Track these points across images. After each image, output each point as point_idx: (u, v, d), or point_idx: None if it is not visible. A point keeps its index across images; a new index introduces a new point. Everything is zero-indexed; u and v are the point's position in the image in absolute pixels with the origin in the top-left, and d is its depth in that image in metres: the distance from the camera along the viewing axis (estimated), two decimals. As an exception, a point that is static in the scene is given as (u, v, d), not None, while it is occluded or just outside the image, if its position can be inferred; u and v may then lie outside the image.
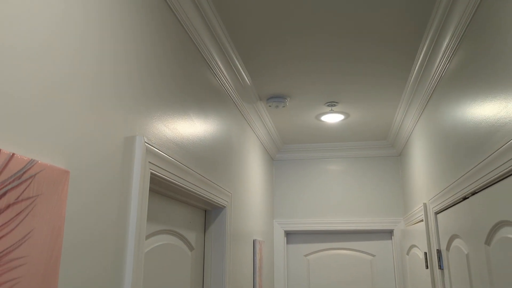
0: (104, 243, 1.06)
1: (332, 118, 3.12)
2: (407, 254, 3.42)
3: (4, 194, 0.73)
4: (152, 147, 1.33)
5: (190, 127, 1.77)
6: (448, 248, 2.25)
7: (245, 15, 1.87)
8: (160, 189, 1.57)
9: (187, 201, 1.89)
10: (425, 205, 2.69)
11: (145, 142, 1.28)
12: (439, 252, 2.42)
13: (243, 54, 2.22)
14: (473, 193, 1.79)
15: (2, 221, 0.72)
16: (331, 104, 2.87)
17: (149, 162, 1.30)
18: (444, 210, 2.31)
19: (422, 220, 2.88)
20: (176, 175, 1.52)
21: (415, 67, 2.40)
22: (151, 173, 1.33)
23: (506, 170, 1.37)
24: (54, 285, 0.84)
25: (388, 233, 3.91)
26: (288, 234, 4.02)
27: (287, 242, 4.01)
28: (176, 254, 1.76)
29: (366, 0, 1.77)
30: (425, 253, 2.67)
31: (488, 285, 1.63)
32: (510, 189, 1.39)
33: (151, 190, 1.53)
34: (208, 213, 2.20)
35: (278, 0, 1.77)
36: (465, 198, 1.91)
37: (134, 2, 1.31)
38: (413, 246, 3.17)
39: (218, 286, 2.08)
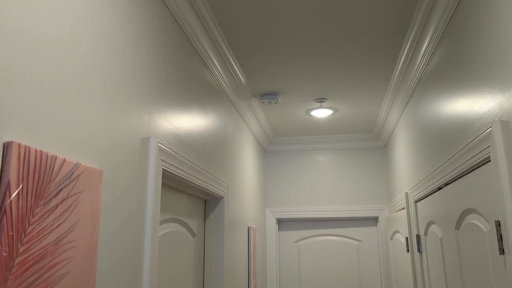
0: (128, 229, 1.25)
1: (321, 113, 3.32)
2: (391, 239, 3.66)
3: (60, 191, 0.91)
4: (163, 146, 1.51)
5: (192, 125, 1.96)
6: (426, 233, 2.48)
7: (240, 20, 2.05)
8: (168, 182, 1.75)
9: (189, 192, 2.08)
10: (406, 194, 2.92)
11: (158, 142, 1.46)
12: (418, 237, 2.65)
13: (238, 55, 2.40)
14: (446, 184, 2.00)
15: (59, 212, 0.90)
16: (320, 100, 3.07)
17: (161, 159, 1.48)
18: (423, 199, 2.53)
19: (404, 208, 3.10)
20: (182, 170, 1.71)
21: (398, 67, 2.60)
22: (163, 169, 1.52)
23: (471, 165, 1.58)
24: (95, 262, 1.03)
25: (373, 220, 4.16)
26: (279, 221, 4.24)
27: (279, 229, 4.23)
28: (181, 240, 1.95)
29: (351, 3, 1.96)
30: (406, 238, 2.90)
31: (458, 264, 1.86)
32: (473, 182, 1.61)
33: (161, 183, 1.72)
34: (207, 203, 2.39)
35: (270, 6, 1.95)
36: (439, 188, 2.13)
37: (146, 15, 1.48)
38: (396, 231, 3.41)
39: (217, 268, 2.29)
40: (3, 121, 0.79)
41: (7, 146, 0.78)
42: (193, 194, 2.14)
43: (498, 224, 1.35)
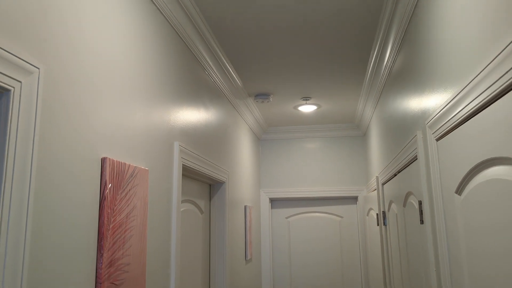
0: (162, 207, 1.81)
1: (307, 109, 3.86)
2: (367, 215, 4.26)
3: (128, 184, 1.46)
4: (182, 147, 2.06)
5: (199, 124, 2.50)
6: (388, 210, 3.06)
7: (236, 36, 2.57)
8: (185, 173, 2.31)
9: (198, 179, 2.64)
10: (377, 177, 3.49)
11: (179, 145, 2.01)
12: (384, 213, 3.24)
13: (235, 64, 2.92)
14: (399, 171, 2.57)
15: (127, 198, 1.46)
16: (306, 99, 3.61)
17: (181, 157, 2.04)
18: (386, 182, 3.10)
19: (376, 189, 3.68)
20: (194, 163, 2.26)
21: (368, 71, 3.13)
22: (183, 164, 2.07)
23: (409, 160, 2.14)
24: (145, 229, 1.60)
25: (353, 199, 4.75)
26: (272, 200, 4.83)
27: (272, 207, 4.83)
28: (193, 216, 2.52)
29: (328, 22, 2.49)
30: (377, 214, 3.49)
31: (404, 233, 2.44)
32: (411, 172, 2.17)
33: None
34: (212, 186, 2.96)
35: (261, 24, 2.47)
36: (395, 175, 2.69)
37: (166, 44, 2.01)
38: (370, 208, 4.00)
39: (221, 239, 2.87)
40: (100, 145, 1.33)
41: (103, 160, 1.33)
42: (201, 180, 2.71)
43: (420, 203, 1.92)
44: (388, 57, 2.68)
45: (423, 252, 1.95)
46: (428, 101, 1.78)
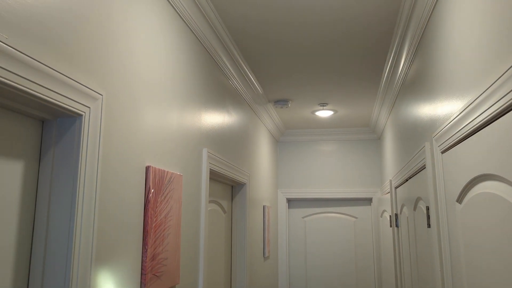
0: (192, 208, 2.02)
1: (324, 114, 4.03)
2: (381, 216, 4.41)
3: (166, 189, 1.68)
4: (210, 153, 2.27)
5: (222, 129, 2.70)
6: (400, 212, 3.22)
7: (257, 47, 2.76)
8: (211, 176, 2.52)
9: (222, 181, 2.84)
10: (390, 181, 3.65)
11: (208, 151, 2.21)
12: (396, 215, 3.40)
13: (256, 72, 3.12)
14: (410, 177, 2.73)
15: (166, 200, 1.67)
16: (323, 105, 3.78)
17: (209, 162, 2.24)
18: (399, 186, 3.26)
19: (389, 192, 3.84)
20: (219, 167, 2.47)
21: (384, 77, 3.28)
22: (210, 169, 2.28)
23: (419, 167, 2.30)
24: (179, 227, 1.81)
25: (368, 200, 4.91)
26: (289, 200, 5.02)
27: (289, 207, 5.02)
28: (217, 216, 2.73)
29: (346, 31, 2.66)
30: (390, 216, 3.65)
31: (414, 235, 2.61)
32: (420, 179, 2.33)
33: (205, 176, 2.48)
34: (234, 188, 3.16)
35: (282, 38, 2.66)
36: (406, 180, 2.86)
37: (195, 58, 2.21)
38: (384, 210, 4.16)
39: (241, 236, 3.07)
40: (145, 155, 1.55)
41: (147, 168, 1.54)
42: (224, 182, 2.91)
43: (427, 208, 2.08)
44: (402, 66, 2.83)
45: (430, 254, 2.12)
46: (436, 113, 1.94)
